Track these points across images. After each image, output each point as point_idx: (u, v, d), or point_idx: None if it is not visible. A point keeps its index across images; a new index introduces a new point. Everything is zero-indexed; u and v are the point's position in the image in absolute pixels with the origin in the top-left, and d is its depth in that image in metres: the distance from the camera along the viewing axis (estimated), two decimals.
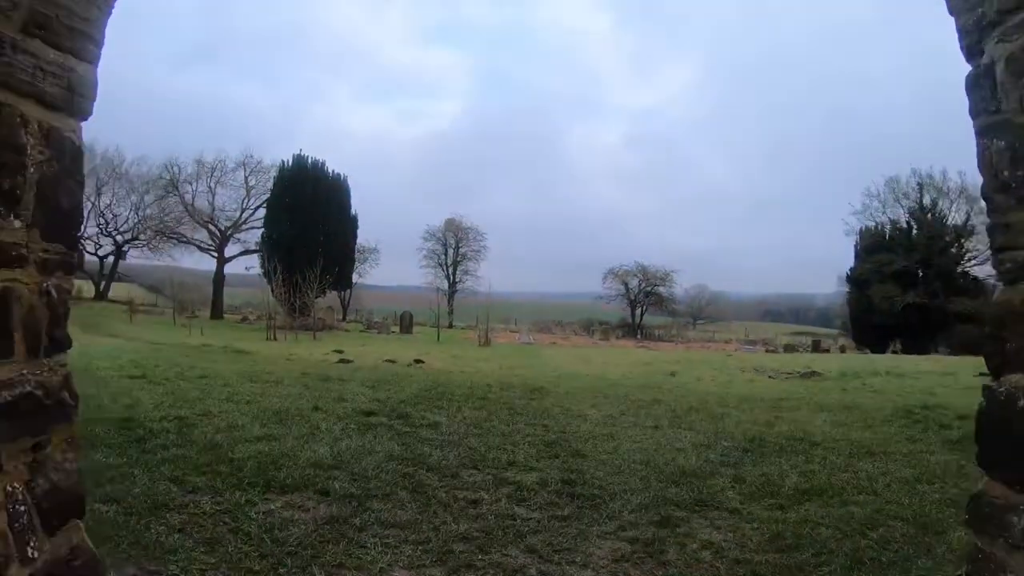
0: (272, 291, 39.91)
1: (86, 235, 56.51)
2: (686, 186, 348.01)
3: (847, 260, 49.93)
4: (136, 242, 57.21)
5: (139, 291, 69.41)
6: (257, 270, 45.73)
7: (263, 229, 45.52)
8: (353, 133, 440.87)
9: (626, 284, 58.90)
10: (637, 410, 10.56)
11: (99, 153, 54.73)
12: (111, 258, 59.04)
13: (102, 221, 57.17)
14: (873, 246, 46.29)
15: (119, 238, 57.75)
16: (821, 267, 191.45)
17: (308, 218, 41.56)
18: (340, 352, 21.75)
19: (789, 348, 46.71)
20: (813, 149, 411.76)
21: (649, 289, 58.50)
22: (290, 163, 43.69)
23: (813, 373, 17.86)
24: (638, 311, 59.54)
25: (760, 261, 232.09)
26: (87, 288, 58.63)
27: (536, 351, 32.01)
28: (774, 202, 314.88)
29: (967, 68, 2.38)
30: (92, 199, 55.29)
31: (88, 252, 58.04)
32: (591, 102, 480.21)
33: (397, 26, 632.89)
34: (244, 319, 44.57)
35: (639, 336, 55.57)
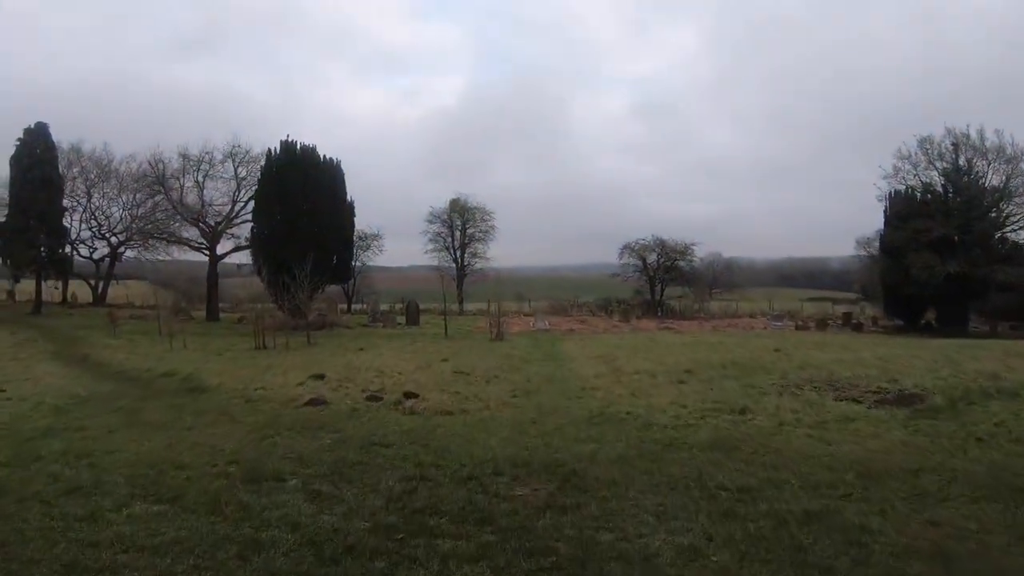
0: (267, 290, 36.34)
1: (79, 238, 54.08)
2: (692, 153, 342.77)
3: (861, 223, 45.79)
4: (131, 243, 53.77)
5: (150, 289, 66.43)
6: (250, 267, 42.25)
7: (252, 223, 41.40)
8: (355, 115, 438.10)
9: (644, 259, 54.01)
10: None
11: (87, 153, 52.35)
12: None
13: (94, 223, 54.05)
14: (907, 212, 41.67)
15: (113, 239, 54.45)
16: (833, 230, 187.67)
17: (299, 209, 37.50)
18: (321, 378, 17.57)
19: (821, 324, 42.70)
20: (820, 112, 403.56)
21: (669, 264, 53.55)
22: (278, 150, 39.32)
23: (913, 398, 13.56)
24: (657, 288, 54.44)
25: (771, 226, 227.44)
26: (84, 292, 55.87)
27: (555, 346, 28.02)
28: (782, 167, 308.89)
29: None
30: (82, 200, 53.02)
31: (81, 255, 55.17)
32: (593, 71, 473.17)
33: (388, 2, 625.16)
34: (242, 319, 40.40)
35: (659, 314, 51.20)
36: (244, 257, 44.93)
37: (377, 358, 22.73)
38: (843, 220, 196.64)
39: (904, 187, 44.28)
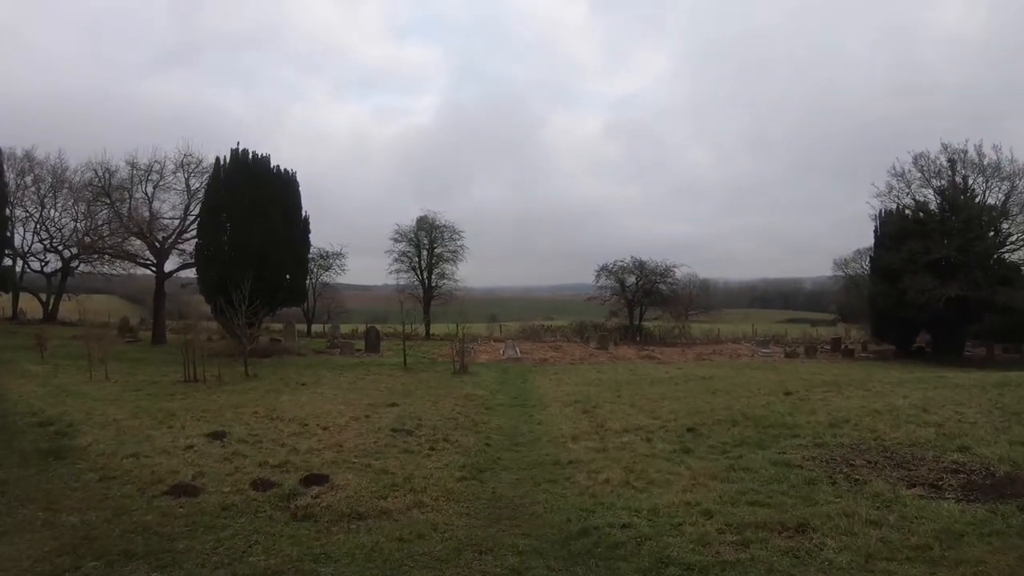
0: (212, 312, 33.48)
1: (31, 251, 50.38)
2: (667, 173, 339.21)
3: (835, 243, 42.23)
4: (80, 256, 49.29)
5: (119, 303, 62.81)
6: (195, 286, 37.83)
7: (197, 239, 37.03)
8: (332, 132, 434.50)
9: (622, 282, 49.61)
10: None
11: (40, 161, 48.51)
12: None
13: (45, 235, 50.11)
14: (901, 232, 38.10)
15: (66, 252, 50.29)
16: (806, 250, 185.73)
17: (248, 223, 33.10)
18: (220, 438, 13.20)
19: (810, 351, 39.03)
20: (793, 132, 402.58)
21: (649, 286, 49.28)
22: (227, 159, 34.89)
23: (1009, 484, 9.28)
24: (636, 311, 50.15)
25: (744, 247, 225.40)
26: (36, 308, 52.06)
27: (526, 382, 24.21)
28: (755, 187, 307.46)
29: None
30: (34, 211, 49.53)
31: (32, 269, 51.60)
32: (569, 92, 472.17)
33: (371, 22, 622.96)
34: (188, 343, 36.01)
35: (638, 339, 46.94)
36: (194, 274, 40.15)
37: (312, 400, 18.78)
38: (816, 240, 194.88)
39: (896, 205, 40.68)
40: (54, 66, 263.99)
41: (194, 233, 38.60)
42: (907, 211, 40.76)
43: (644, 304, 49.94)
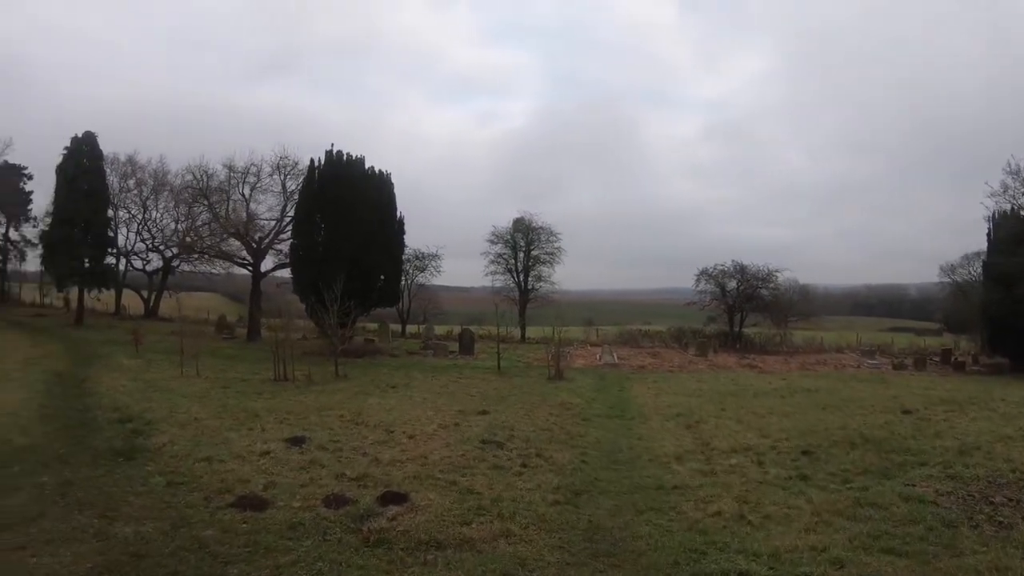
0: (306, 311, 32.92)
1: (133, 250, 52.13)
2: (764, 176, 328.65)
3: (942, 247, 39.07)
4: (180, 256, 50.47)
5: (219, 301, 63.71)
6: (289, 286, 37.55)
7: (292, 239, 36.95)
8: (427, 137, 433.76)
9: (723, 287, 47.64)
10: None
11: (142, 165, 50.30)
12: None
13: (147, 235, 51.64)
14: (1019, 235, 35.14)
15: (167, 252, 51.60)
16: (910, 256, 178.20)
17: (342, 224, 32.65)
18: (299, 444, 12.41)
19: (919, 363, 36.49)
20: (896, 132, 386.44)
21: (750, 291, 47.17)
22: (321, 161, 34.59)
23: None
24: (736, 317, 48.02)
25: (844, 251, 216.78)
26: (138, 304, 53.89)
27: (624, 391, 22.84)
28: (855, 189, 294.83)
29: None
30: (136, 213, 51.16)
31: (135, 268, 53.24)
32: (663, 94, 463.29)
33: (463, 28, 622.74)
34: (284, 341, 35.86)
35: (738, 346, 44.93)
36: (289, 274, 40.06)
37: (401, 404, 17.97)
38: (916, 243, 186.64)
39: (1012, 206, 37.61)
40: (158, 77, 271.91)
41: (290, 233, 38.47)
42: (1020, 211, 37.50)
43: (745, 310, 47.88)
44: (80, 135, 43.12)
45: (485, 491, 9.85)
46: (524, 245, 51.64)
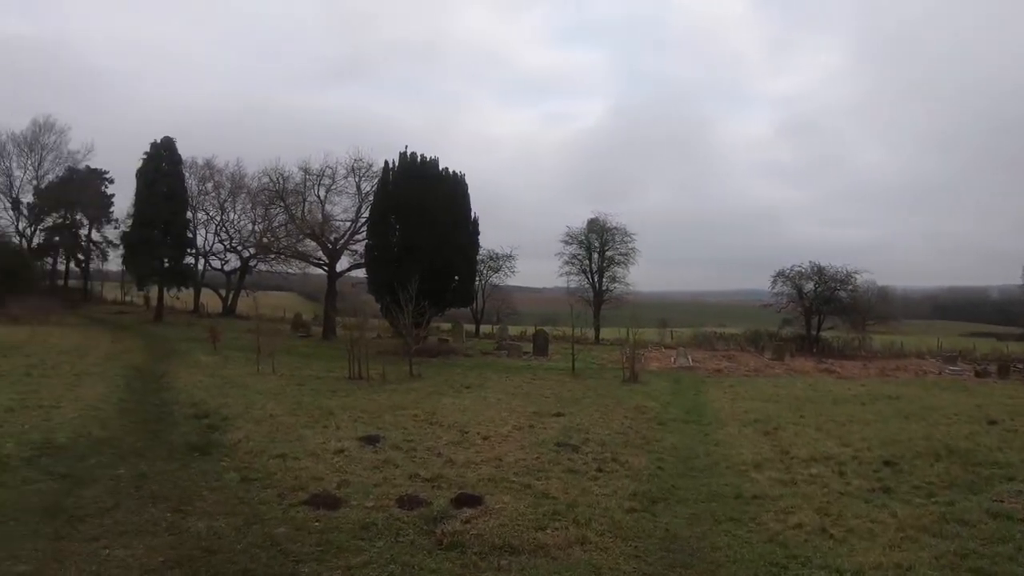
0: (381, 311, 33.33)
1: (212, 250, 54.20)
2: (840, 174, 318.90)
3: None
4: (257, 256, 51.94)
5: (295, 300, 64.75)
6: (364, 286, 38.22)
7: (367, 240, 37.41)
8: (500, 138, 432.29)
9: (799, 289, 46.47)
10: None
11: (220, 169, 52.54)
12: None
13: (225, 236, 53.71)
14: None
15: (245, 253, 53.40)
16: (992, 257, 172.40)
17: (416, 225, 32.74)
18: (373, 443, 12.32)
19: (1003, 371, 34.94)
20: (977, 130, 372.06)
21: (828, 294, 45.91)
22: (395, 163, 34.84)
23: None
24: (813, 320, 46.75)
25: (923, 253, 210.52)
26: (215, 302, 55.91)
27: (700, 394, 22.34)
28: (935, 188, 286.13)
29: None
30: (214, 215, 53.39)
31: (213, 267, 55.37)
32: (734, 91, 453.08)
33: (532, 30, 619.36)
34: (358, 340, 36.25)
35: (815, 350, 43.75)
36: (364, 274, 40.48)
37: (475, 405, 17.75)
38: (1003, 246, 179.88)
39: None
40: (233, 84, 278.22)
41: (365, 234, 38.86)
42: None
43: (823, 313, 46.62)
44: (159, 140, 44.69)
45: (560, 495, 9.53)
46: (598, 246, 51.20)
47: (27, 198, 56.30)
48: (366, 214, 40.84)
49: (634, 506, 9.17)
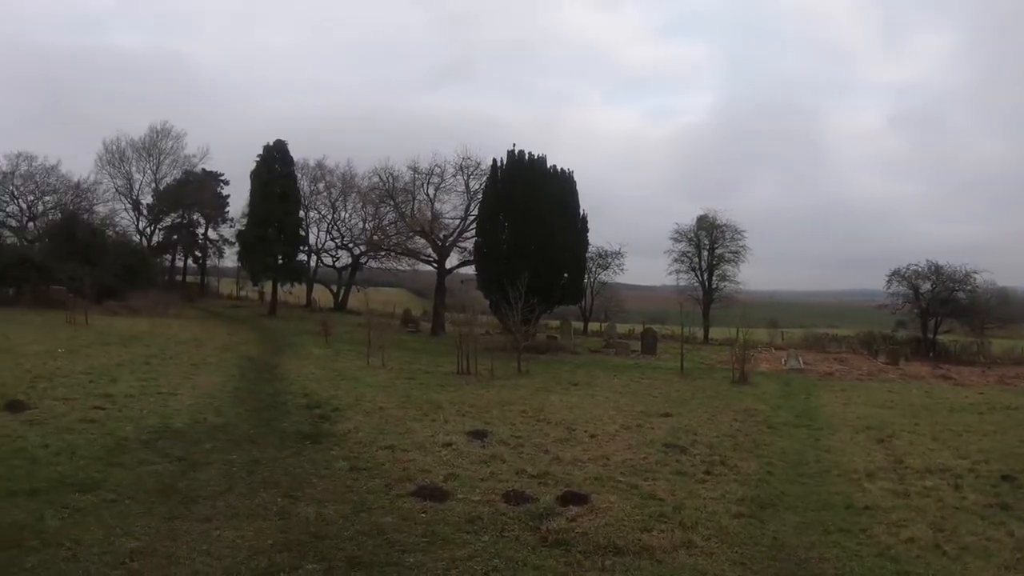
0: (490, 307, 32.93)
1: (324, 248, 56.12)
2: (956, 167, 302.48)
3: None
4: (370, 253, 53.10)
5: (404, 296, 65.89)
6: (473, 282, 38.15)
7: (476, 237, 37.63)
8: (604, 135, 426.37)
9: (916, 289, 44.41)
10: None
11: (331, 169, 54.48)
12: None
13: (336, 234, 55.51)
14: None
15: (356, 250, 54.86)
16: None
17: (525, 222, 32.75)
18: (481, 438, 12.35)
19: None
20: None
21: (945, 295, 43.71)
22: (503, 161, 34.95)
23: None
24: (930, 323, 44.58)
25: None
26: (325, 298, 57.97)
27: (810, 398, 21.51)
28: None
29: None
30: (326, 213, 55.42)
31: (325, 264, 57.23)
32: (843, 82, 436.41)
33: (632, 25, 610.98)
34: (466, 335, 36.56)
35: (931, 354, 41.75)
36: (473, 271, 40.84)
37: (582, 403, 17.55)
38: None
39: None
40: (341, 88, 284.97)
41: (474, 232, 39.23)
42: None
43: (939, 315, 44.45)
44: (272, 143, 46.11)
45: (667, 497, 9.32)
46: (708, 243, 50.40)
47: (146, 199, 59.83)
48: (475, 212, 41.25)
49: (742, 511, 8.89)
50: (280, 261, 45.91)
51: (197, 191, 58.75)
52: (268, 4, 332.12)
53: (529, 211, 32.79)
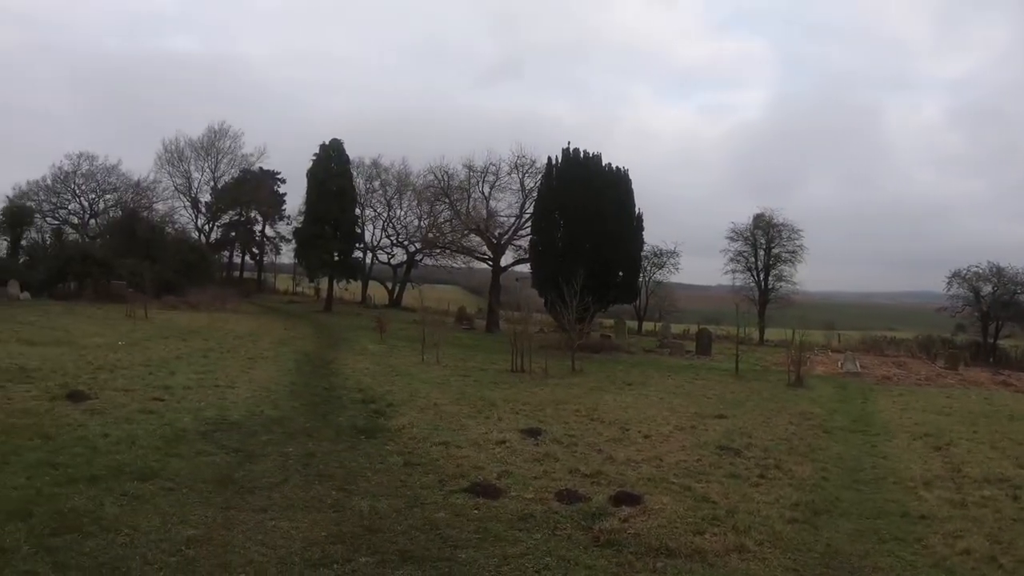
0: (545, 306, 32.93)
1: (379, 245, 57.15)
2: (1018, 161, 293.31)
3: None
4: (425, 250, 53.68)
5: (459, 293, 66.26)
6: (528, 280, 38.45)
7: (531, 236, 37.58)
8: (659, 133, 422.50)
9: (976, 292, 43.29)
10: None
11: (386, 168, 55.51)
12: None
13: (391, 231, 56.34)
14: None
15: (411, 247, 55.66)
16: None
17: (580, 221, 32.63)
18: (534, 436, 12.33)
19: None
20: None
21: (1007, 298, 42.56)
22: (559, 159, 34.90)
23: None
24: (990, 327, 43.43)
25: None
26: (381, 294, 58.48)
27: (867, 403, 21.05)
28: None
29: None
30: (381, 211, 56.47)
31: (380, 261, 58.27)
32: (900, 76, 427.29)
33: (687, 21, 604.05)
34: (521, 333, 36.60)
35: (991, 359, 40.71)
36: (528, 269, 40.87)
37: (636, 402, 17.40)
38: None
39: None
40: (396, 88, 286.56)
41: (529, 230, 39.33)
42: None
43: (1000, 319, 43.36)
44: (327, 142, 46.72)
45: (720, 500, 9.21)
46: (764, 243, 49.89)
47: (205, 197, 61.28)
48: (530, 210, 41.32)
49: (795, 516, 8.74)
50: (336, 258, 46.61)
51: (254, 189, 59.95)
52: (324, 7, 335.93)
53: (584, 209, 32.62)
